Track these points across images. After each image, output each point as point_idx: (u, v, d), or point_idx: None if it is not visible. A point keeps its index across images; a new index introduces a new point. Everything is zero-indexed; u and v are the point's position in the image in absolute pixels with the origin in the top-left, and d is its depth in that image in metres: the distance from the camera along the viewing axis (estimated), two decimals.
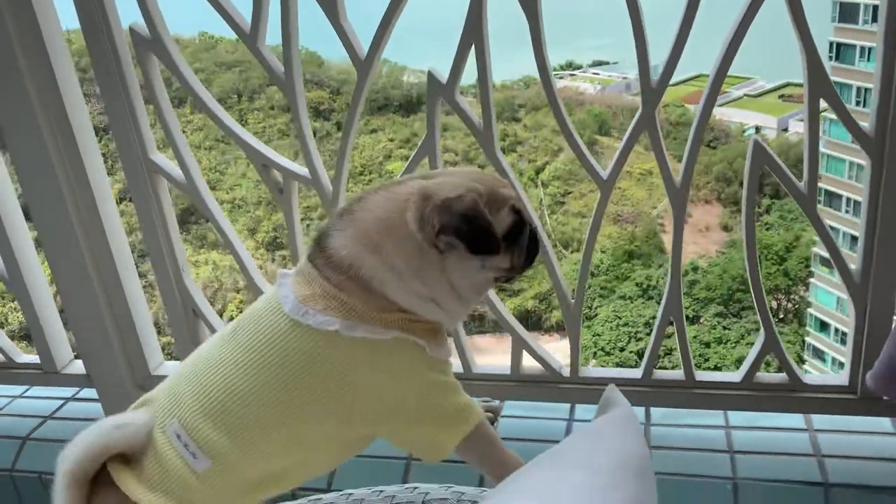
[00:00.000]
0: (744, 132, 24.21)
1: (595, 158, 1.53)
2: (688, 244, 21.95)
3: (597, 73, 29.04)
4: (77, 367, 2.00)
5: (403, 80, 23.78)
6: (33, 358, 2.01)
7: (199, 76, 1.64)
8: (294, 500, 1.41)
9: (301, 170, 1.63)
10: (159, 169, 1.68)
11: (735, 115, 24.43)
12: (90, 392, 2.07)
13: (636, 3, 1.37)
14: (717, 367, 16.74)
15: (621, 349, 19.07)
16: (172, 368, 1.94)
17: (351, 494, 1.48)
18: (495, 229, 1.05)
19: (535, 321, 19.28)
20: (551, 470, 1.01)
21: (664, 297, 1.61)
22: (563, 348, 1.86)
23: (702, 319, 19.25)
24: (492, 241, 1.04)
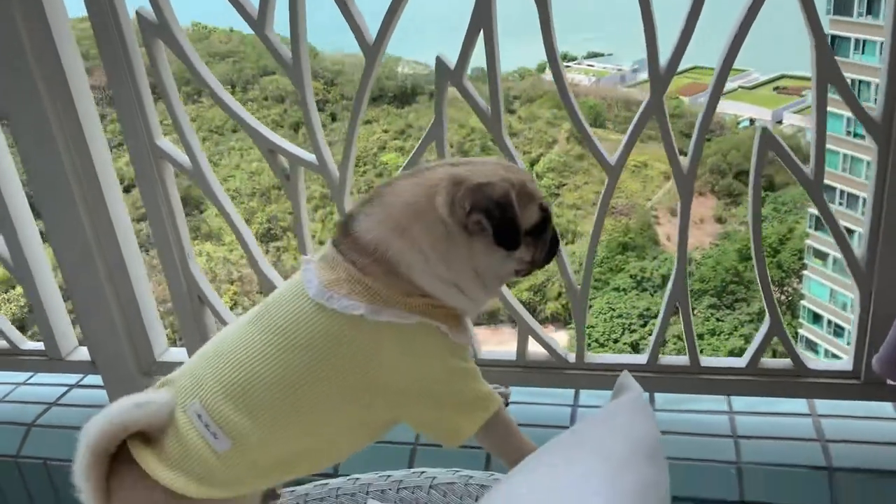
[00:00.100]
0: (738, 124, 24.25)
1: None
2: None
3: (591, 65, 29.03)
4: (81, 353, 2.00)
5: (398, 71, 23.73)
6: (38, 345, 2.00)
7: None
8: (300, 485, 1.42)
9: (308, 156, 1.62)
10: (165, 155, 1.68)
11: (729, 108, 24.43)
12: (94, 379, 2.08)
13: None
14: None
15: (615, 340, 19.13)
16: (177, 355, 1.94)
17: (358, 479, 1.49)
18: (520, 224, 1.07)
19: (529, 312, 19.31)
20: (565, 454, 1.02)
21: (670, 283, 1.62)
22: (558, 338, 1.87)
23: (695, 311, 19.32)
24: (514, 237, 1.06)
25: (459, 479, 1.42)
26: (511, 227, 1.05)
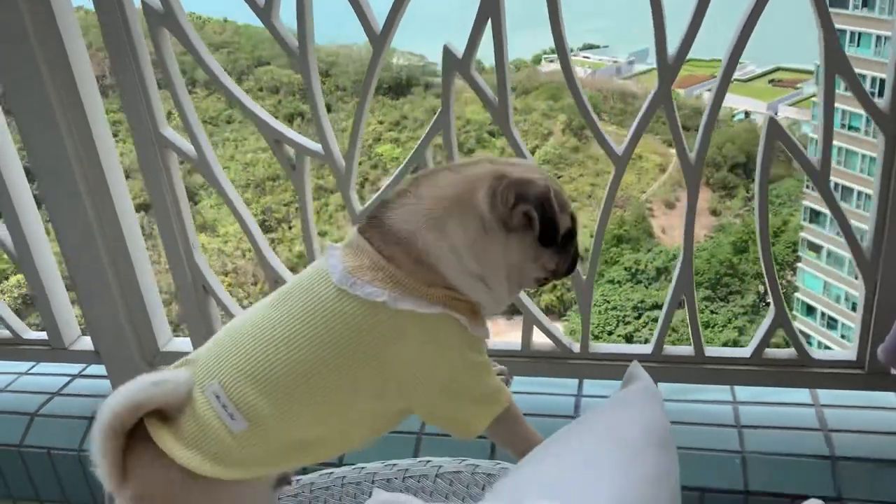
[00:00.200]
0: (733, 117, 24.26)
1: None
2: (676, 229, 22.09)
3: (587, 57, 28.99)
4: (84, 343, 1.99)
5: (393, 63, 23.66)
6: (40, 335, 2.00)
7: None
8: (305, 474, 1.42)
9: (314, 145, 1.62)
10: (170, 144, 1.68)
11: (724, 100, 24.41)
12: (96, 369, 2.08)
13: None
14: None
15: (609, 332, 19.17)
16: (181, 345, 1.94)
17: (364, 468, 1.49)
18: (559, 224, 1.09)
19: None
20: (577, 441, 1.02)
21: (675, 274, 1.63)
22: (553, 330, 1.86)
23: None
24: (554, 232, 1.08)
25: (466, 468, 1.43)
26: (552, 224, 1.07)
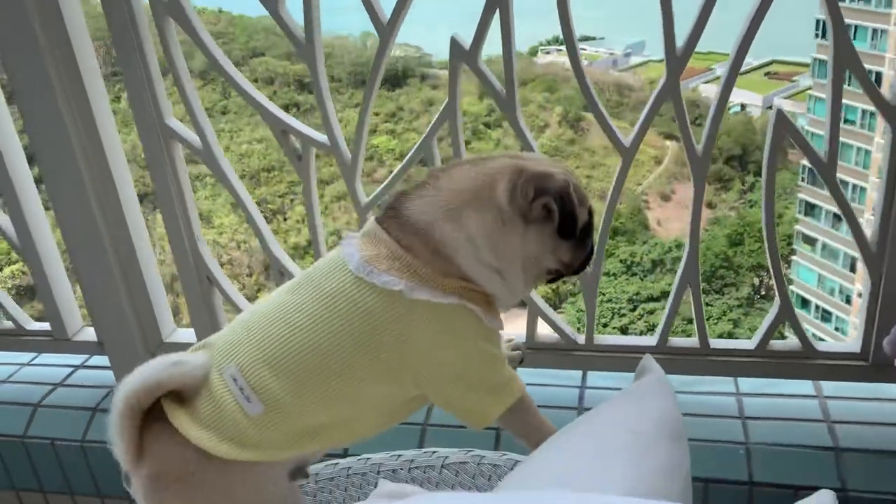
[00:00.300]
0: (728, 110, 24.26)
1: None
2: (672, 221, 22.17)
3: (583, 49, 28.94)
4: (87, 334, 1.99)
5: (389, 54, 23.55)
6: (43, 325, 2.00)
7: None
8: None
9: (320, 136, 1.62)
10: (175, 134, 1.67)
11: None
12: (98, 360, 2.07)
13: None
14: None
15: (605, 325, 19.20)
16: (185, 336, 1.94)
17: (369, 459, 1.49)
18: (578, 217, 1.10)
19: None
20: (589, 433, 1.03)
21: (681, 265, 1.63)
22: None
23: (685, 296, 19.39)
24: (574, 226, 1.09)
25: (471, 459, 1.43)
26: (571, 216, 1.08)
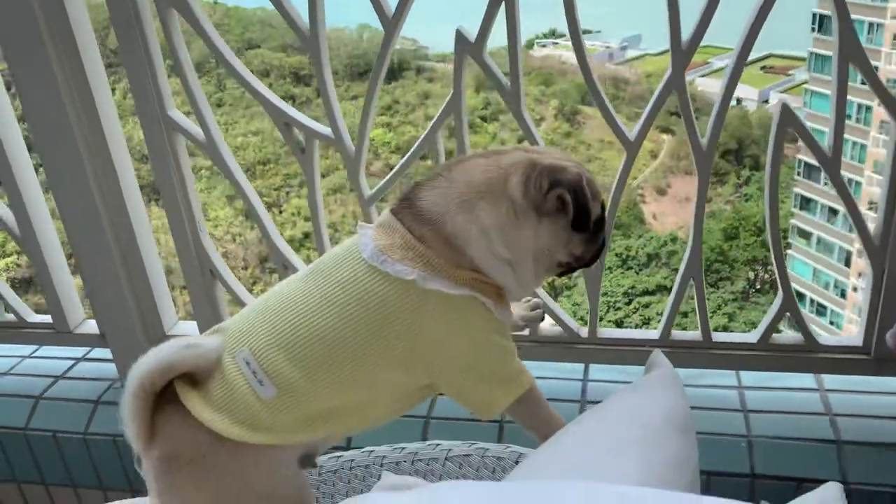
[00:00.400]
0: None
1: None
2: (668, 215, 22.19)
3: None
4: (89, 326, 1.99)
5: None
6: (45, 318, 1.99)
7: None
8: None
9: (324, 129, 1.62)
10: (177, 126, 1.67)
11: (716, 87, 24.38)
12: (100, 352, 2.07)
13: None
14: None
15: (600, 318, 19.20)
16: (187, 329, 1.94)
17: (372, 451, 1.50)
18: (591, 210, 1.11)
19: None
20: (599, 426, 1.03)
21: (685, 259, 1.64)
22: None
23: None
24: (587, 219, 1.10)
25: (475, 452, 1.44)
26: (585, 208, 1.09)
